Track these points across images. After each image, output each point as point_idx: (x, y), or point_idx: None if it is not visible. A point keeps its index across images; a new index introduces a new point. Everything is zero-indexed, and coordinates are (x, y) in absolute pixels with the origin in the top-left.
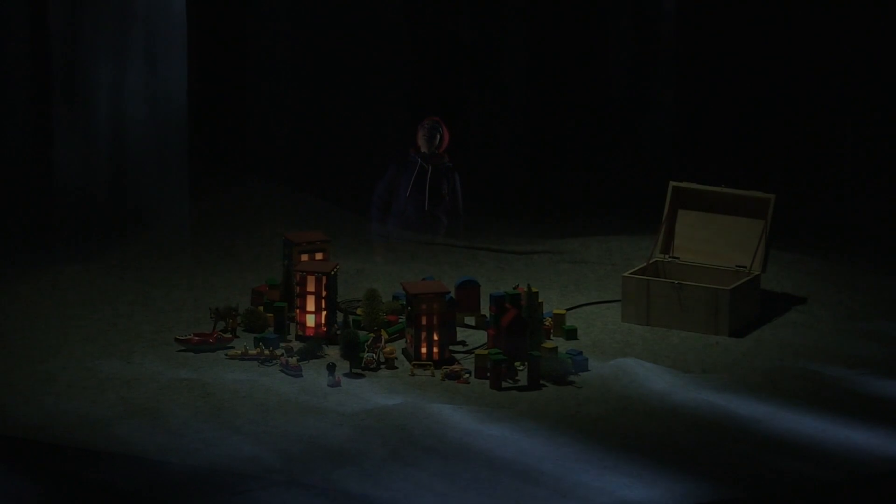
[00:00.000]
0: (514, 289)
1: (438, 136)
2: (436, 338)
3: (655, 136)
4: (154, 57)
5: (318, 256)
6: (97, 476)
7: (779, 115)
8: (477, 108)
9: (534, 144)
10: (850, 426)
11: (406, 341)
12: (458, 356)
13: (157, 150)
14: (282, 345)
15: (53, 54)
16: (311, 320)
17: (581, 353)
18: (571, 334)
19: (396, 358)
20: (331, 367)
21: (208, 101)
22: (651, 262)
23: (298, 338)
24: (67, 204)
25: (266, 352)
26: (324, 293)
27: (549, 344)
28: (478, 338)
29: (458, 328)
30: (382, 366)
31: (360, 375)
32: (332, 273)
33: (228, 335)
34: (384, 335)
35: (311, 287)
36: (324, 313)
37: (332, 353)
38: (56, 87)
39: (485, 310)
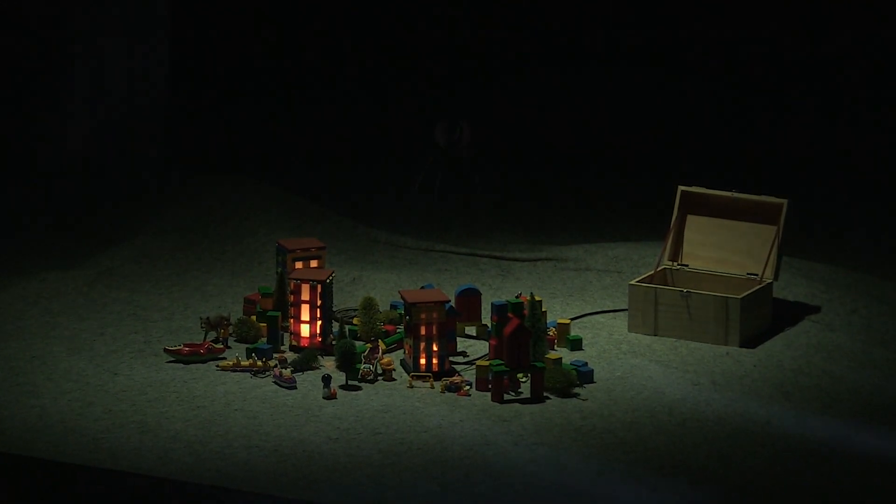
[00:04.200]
0: (517, 297)
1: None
2: (435, 348)
3: (661, 137)
4: (133, 44)
5: (313, 264)
6: (84, 491)
7: (791, 117)
8: (473, 108)
9: (533, 145)
10: (865, 434)
11: (404, 352)
12: (458, 367)
13: (139, 148)
14: (275, 356)
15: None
16: (305, 330)
17: (586, 363)
18: (576, 344)
19: (394, 369)
20: (326, 379)
21: (195, 96)
22: (659, 269)
23: (292, 348)
24: (46, 206)
25: (259, 363)
26: (319, 302)
27: (553, 354)
28: (479, 348)
29: (458, 338)
30: (380, 377)
31: (357, 387)
32: (328, 281)
33: (220, 346)
34: (381, 346)
35: (305, 296)
36: (319, 323)
37: (328, 364)
38: (31, 80)
39: (486, 319)
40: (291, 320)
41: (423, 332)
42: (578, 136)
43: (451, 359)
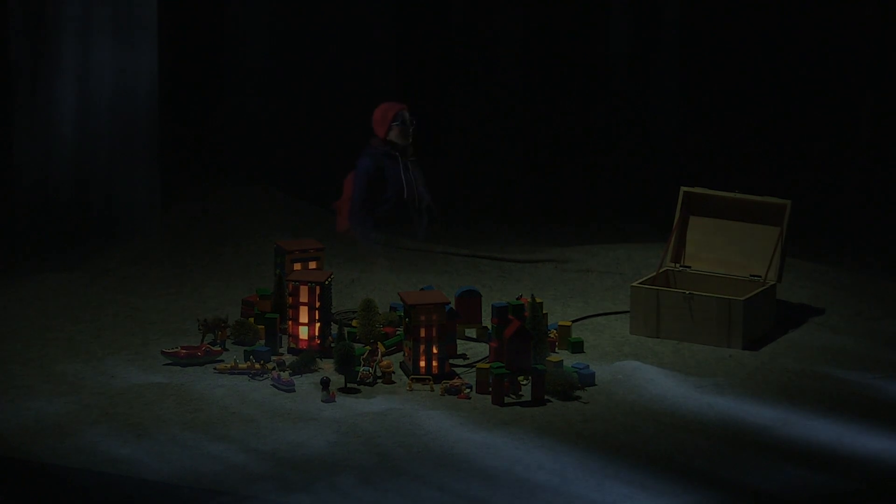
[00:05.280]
0: (518, 299)
1: (412, 122)
2: (435, 351)
3: (664, 137)
4: (123, 43)
5: (312, 265)
6: (81, 495)
7: (795, 117)
8: (469, 105)
9: (534, 145)
10: (867, 435)
11: (404, 354)
12: (458, 370)
13: (133, 150)
14: (273, 358)
15: (11, 43)
16: (303, 332)
17: (587, 366)
18: (577, 347)
19: (394, 372)
20: (325, 382)
21: (188, 95)
22: (661, 271)
23: (291, 351)
24: (40, 209)
25: (257, 365)
26: (317, 304)
27: (554, 357)
28: (479, 350)
29: (458, 340)
30: (379, 380)
31: (356, 390)
32: (326, 283)
33: (217, 348)
34: (381, 348)
35: (303, 297)
36: (317, 325)
37: (327, 366)
38: (18, 81)
39: (486, 321)
40: (290, 322)
41: (422, 334)
42: (579, 136)
43: (450, 361)
